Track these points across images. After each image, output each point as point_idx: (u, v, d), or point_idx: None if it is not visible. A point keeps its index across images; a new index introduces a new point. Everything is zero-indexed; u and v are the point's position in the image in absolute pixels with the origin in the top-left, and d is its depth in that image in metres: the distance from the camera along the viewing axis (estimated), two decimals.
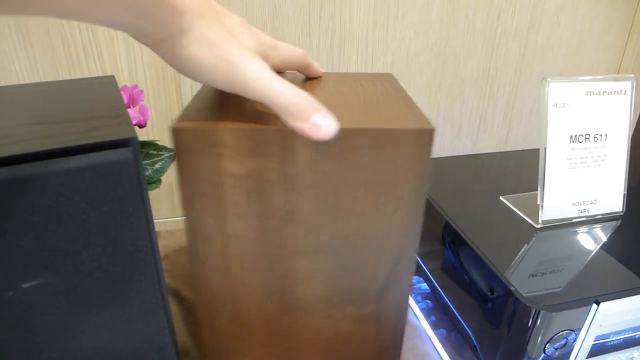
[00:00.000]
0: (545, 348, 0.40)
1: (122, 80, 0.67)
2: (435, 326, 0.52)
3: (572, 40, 0.85)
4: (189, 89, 0.70)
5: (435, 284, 0.55)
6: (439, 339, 0.50)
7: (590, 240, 0.48)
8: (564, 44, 0.85)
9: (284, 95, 0.30)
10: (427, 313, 0.54)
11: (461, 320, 0.50)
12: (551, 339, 0.40)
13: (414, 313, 0.54)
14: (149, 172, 0.55)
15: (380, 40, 0.75)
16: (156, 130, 0.71)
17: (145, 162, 0.55)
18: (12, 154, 0.26)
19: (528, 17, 0.81)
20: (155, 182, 0.56)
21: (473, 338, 0.48)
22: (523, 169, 0.64)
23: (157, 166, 0.56)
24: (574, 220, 0.50)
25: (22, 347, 0.31)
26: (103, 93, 0.37)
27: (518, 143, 0.91)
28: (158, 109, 0.70)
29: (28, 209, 0.27)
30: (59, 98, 0.37)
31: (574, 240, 0.48)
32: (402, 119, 0.33)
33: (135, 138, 0.30)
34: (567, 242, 0.48)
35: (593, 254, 0.46)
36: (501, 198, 0.54)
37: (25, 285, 0.31)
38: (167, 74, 0.68)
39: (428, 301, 0.56)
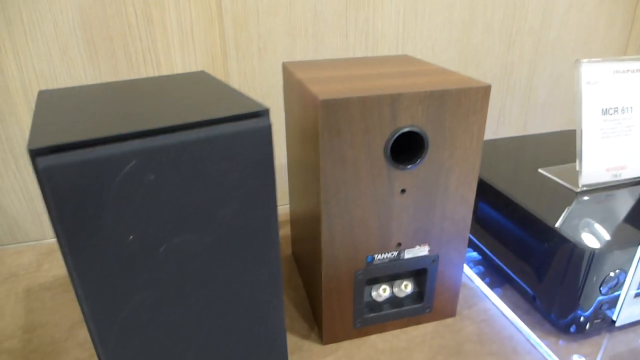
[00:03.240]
0: (601, 288, 0.46)
1: None
2: (490, 286, 0.58)
3: (580, 36, 0.93)
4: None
5: (486, 250, 0.61)
6: (496, 295, 0.56)
7: (627, 199, 0.54)
8: (573, 39, 0.93)
9: None
10: (481, 276, 0.60)
11: (515, 277, 0.56)
12: (605, 279, 0.46)
13: (469, 277, 0.60)
14: None
15: (409, 40, 0.82)
16: None
17: None
18: (173, 124, 0.32)
19: (540, 16, 0.89)
20: None
21: (529, 290, 0.54)
22: (549, 148, 0.70)
23: None
24: (609, 184, 0.57)
25: (173, 293, 0.36)
26: (211, 82, 0.43)
27: (535, 132, 0.98)
28: None
29: (181, 172, 0.32)
30: (178, 87, 0.43)
31: (612, 199, 0.54)
32: None
33: (268, 110, 0.36)
34: (606, 201, 0.54)
35: (630, 208, 0.52)
36: (540, 170, 0.61)
37: (175, 240, 0.36)
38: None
39: (480, 267, 0.62)
